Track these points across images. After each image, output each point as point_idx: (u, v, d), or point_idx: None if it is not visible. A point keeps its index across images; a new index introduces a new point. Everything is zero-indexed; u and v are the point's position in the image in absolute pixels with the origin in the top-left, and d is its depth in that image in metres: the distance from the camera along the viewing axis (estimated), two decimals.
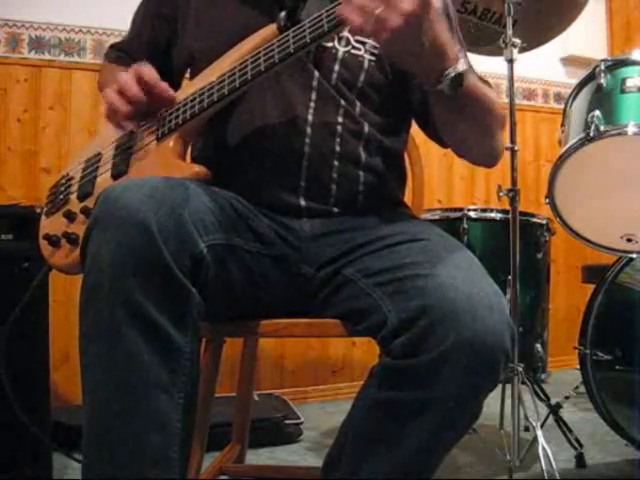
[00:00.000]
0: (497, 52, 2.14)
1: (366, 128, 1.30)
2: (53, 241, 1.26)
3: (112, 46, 1.55)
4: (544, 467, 1.85)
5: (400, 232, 1.19)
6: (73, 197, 1.31)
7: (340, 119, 1.27)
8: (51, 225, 1.31)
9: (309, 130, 1.25)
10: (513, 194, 2.02)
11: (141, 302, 0.95)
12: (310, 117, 1.26)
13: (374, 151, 1.31)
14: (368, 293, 1.10)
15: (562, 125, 1.99)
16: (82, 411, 0.98)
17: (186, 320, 0.99)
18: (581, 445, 2.06)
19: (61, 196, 1.34)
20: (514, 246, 2.01)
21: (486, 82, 1.28)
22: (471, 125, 1.21)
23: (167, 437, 0.97)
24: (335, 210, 1.28)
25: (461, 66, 1.06)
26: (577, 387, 2.33)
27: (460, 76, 1.06)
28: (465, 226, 2.25)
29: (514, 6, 2.02)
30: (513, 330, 1.02)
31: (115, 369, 0.96)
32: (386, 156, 1.33)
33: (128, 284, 0.95)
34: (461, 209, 2.31)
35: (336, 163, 1.27)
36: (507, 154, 2.05)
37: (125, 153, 1.26)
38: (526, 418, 2.12)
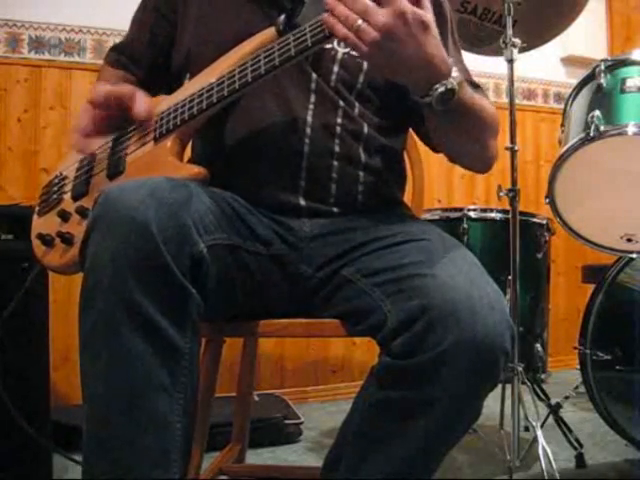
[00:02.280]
0: (497, 52, 2.15)
1: (365, 129, 1.30)
2: (47, 241, 1.26)
3: (112, 48, 1.54)
4: (544, 467, 1.85)
5: (400, 232, 1.19)
6: (67, 196, 1.30)
7: (339, 120, 1.27)
8: (44, 224, 1.31)
9: (308, 131, 1.25)
10: (513, 194, 2.02)
11: (141, 302, 0.95)
12: (309, 118, 1.26)
13: (373, 151, 1.31)
14: (367, 293, 1.10)
15: (562, 125, 1.99)
16: (82, 411, 0.99)
17: (186, 320, 0.99)
18: (581, 445, 2.06)
19: (55, 195, 1.33)
20: (514, 246, 2.01)
21: (477, 86, 1.29)
22: (463, 136, 1.21)
23: (167, 438, 0.97)
24: (335, 210, 1.28)
25: (452, 81, 1.05)
26: (577, 387, 2.33)
27: (450, 91, 1.06)
28: (465, 226, 2.25)
29: (514, 6, 2.02)
30: (513, 330, 1.02)
31: (114, 370, 0.96)
32: (385, 156, 1.33)
33: (128, 284, 0.95)
34: (461, 209, 2.30)
35: (335, 163, 1.27)
36: (507, 154, 2.05)
37: (121, 153, 1.26)
38: (526, 418, 2.13)
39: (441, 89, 1.05)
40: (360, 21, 0.99)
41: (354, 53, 1.28)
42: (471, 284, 1.01)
